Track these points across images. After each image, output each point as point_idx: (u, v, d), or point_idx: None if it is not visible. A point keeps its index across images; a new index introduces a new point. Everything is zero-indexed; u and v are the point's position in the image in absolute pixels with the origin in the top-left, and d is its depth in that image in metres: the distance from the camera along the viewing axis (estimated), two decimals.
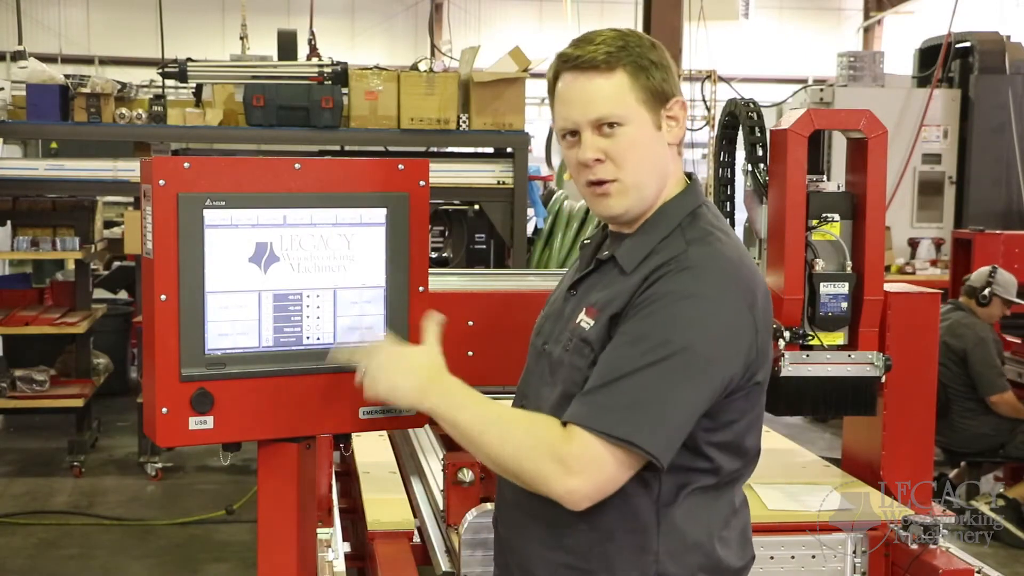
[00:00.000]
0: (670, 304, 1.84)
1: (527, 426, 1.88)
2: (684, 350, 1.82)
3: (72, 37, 18.05)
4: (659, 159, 1.99)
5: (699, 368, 1.83)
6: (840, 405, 3.22)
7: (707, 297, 1.85)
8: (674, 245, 1.93)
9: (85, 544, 5.99)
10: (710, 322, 1.84)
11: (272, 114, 6.85)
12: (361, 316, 2.18)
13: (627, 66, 1.93)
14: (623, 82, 1.93)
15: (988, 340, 6.16)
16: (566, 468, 1.80)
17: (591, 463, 1.80)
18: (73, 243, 7.25)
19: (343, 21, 19.02)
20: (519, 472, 1.85)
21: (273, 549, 2.21)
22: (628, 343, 1.84)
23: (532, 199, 7.22)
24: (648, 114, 1.95)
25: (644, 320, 1.85)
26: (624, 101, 1.93)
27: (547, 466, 1.81)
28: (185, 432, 2.07)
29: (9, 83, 7.26)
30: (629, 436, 1.79)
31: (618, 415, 1.80)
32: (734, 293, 1.88)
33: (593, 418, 1.80)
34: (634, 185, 1.97)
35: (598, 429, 1.80)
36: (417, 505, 3.23)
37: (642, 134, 1.95)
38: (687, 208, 2.00)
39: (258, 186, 2.09)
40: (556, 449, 1.81)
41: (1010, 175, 9.14)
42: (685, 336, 1.82)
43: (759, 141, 3.35)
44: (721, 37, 15.44)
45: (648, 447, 1.79)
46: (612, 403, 1.80)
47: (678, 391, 1.81)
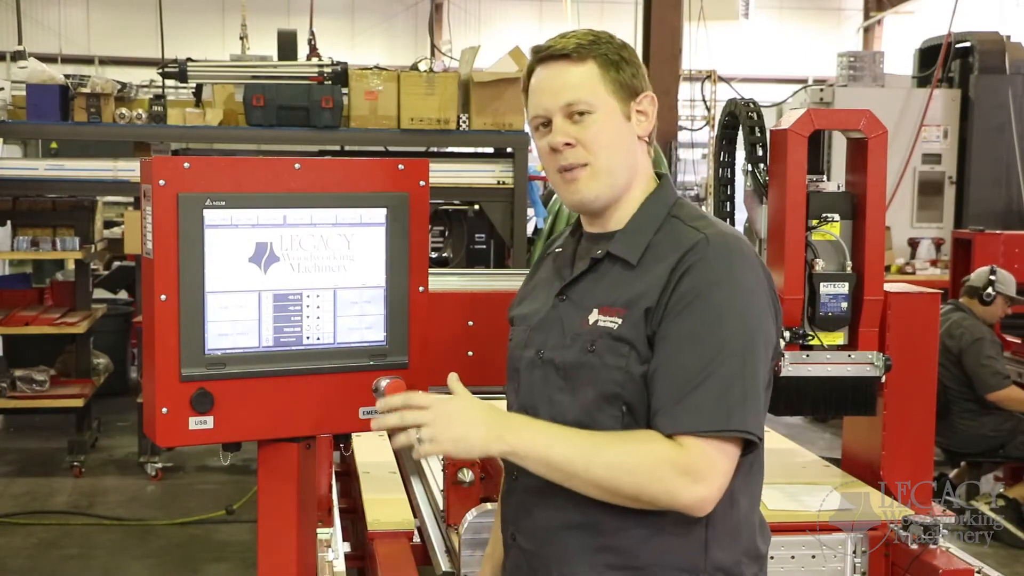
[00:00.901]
0: (715, 294, 1.88)
1: (634, 449, 1.85)
2: (745, 337, 1.87)
3: (72, 37, 18.06)
4: (629, 148, 2.01)
5: (759, 350, 1.90)
6: (840, 405, 3.22)
7: (741, 278, 1.90)
8: (683, 233, 1.95)
9: (85, 544, 5.99)
10: (752, 301, 1.91)
11: (272, 114, 6.85)
12: (361, 316, 2.18)
13: (597, 58, 1.98)
14: (593, 72, 1.98)
15: (984, 340, 6.16)
16: (693, 478, 1.82)
17: (712, 465, 1.83)
18: (73, 243, 7.25)
19: (343, 21, 19.02)
20: (639, 495, 1.84)
21: (273, 549, 2.21)
22: (691, 342, 1.87)
23: (532, 199, 7.22)
24: (618, 104, 1.99)
25: (697, 316, 1.87)
26: (594, 89, 1.97)
27: (674, 482, 1.82)
28: (185, 432, 2.07)
29: (9, 83, 7.26)
30: (740, 426, 1.84)
31: (720, 412, 1.83)
32: (754, 263, 1.95)
33: (700, 422, 1.83)
34: (606, 170, 1.99)
35: (710, 430, 1.83)
36: (417, 505, 3.23)
37: (612, 122, 1.98)
38: (669, 201, 2.04)
39: (258, 186, 2.09)
40: (678, 463, 1.82)
41: (1010, 175, 9.14)
42: (741, 324, 1.88)
43: (759, 141, 3.35)
44: (721, 37, 15.45)
45: (754, 430, 1.86)
46: (708, 403, 1.83)
47: (751, 375, 1.87)
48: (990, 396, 6.11)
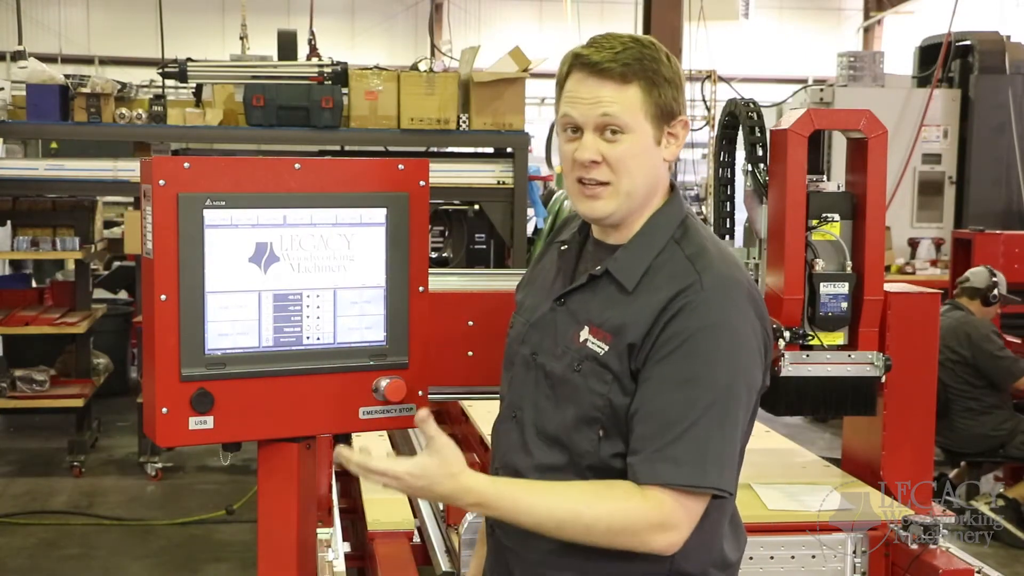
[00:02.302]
0: (702, 340, 1.87)
1: (610, 508, 1.86)
2: (729, 385, 1.88)
3: (72, 37, 18.05)
4: (653, 172, 2.00)
5: (742, 397, 1.90)
6: (840, 405, 3.22)
7: (730, 324, 1.89)
8: (680, 268, 1.94)
9: (85, 544, 5.99)
10: (740, 349, 1.90)
11: (272, 114, 6.85)
12: (361, 316, 2.18)
13: (641, 81, 1.94)
14: (635, 95, 1.94)
15: (992, 335, 6.19)
16: (664, 529, 1.85)
17: (683, 516, 1.86)
18: (73, 243, 7.25)
19: (343, 21, 19.02)
20: (612, 546, 1.88)
21: (273, 549, 2.21)
22: (674, 388, 1.87)
23: (532, 199, 7.22)
24: (652, 128, 1.96)
25: (683, 361, 1.87)
26: (632, 112, 1.94)
27: (647, 535, 1.85)
28: (185, 432, 2.07)
29: (9, 83, 7.26)
30: (715, 483, 1.86)
31: (696, 468, 1.84)
32: (746, 308, 1.93)
33: (677, 476, 1.84)
34: (627, 192, 1.97)
35: (682, 484, 1.84)
36: (417, 505, 3.23)
37: (642, 146, 1.96)
38: (675, 219, 2.02)
39: (258, 186, 2.09)
40: (651, 519, 1.85)
41: (1010, 175, 9.14)
42: (726, 371, 1.88)
43: (759, 141, 3.35)
44: (721, 37, 15.44)
45: (726, 487, 1.88)
46: (685, 456, 1.84)
47: (732, 425, 1.88)
48: (1016, 385, 6.13)
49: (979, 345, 6.14)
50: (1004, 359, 6.15)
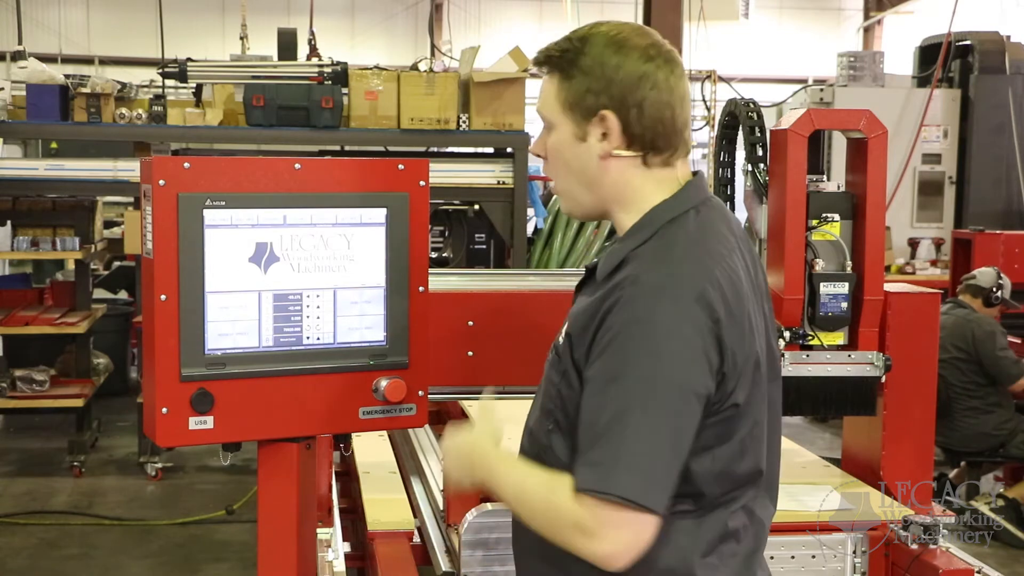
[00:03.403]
0: (626, 337, 1.74)
1: (546, 497, 1.81)
2: (651, 387, 1.72)
3: (72, 37, 18.05)
4: (585, 171, 1.89)
5: (673, 398, 1.74)
6: (840, 405, 3.22)
7: (664, 320, 1.74)
8: (638, 262, 1.82)
9: (85, 544, 5.99)
10: (672, 346, 1.74)
11: (272, 114, 6.85)
12: (361, 316, 2.18)
13: (557, 72, 1.88)
14: (551, 87, 1.89)
15: (996, 333, 6.20)
16: (587, 536, 1.73)
17: (605, 526, 1.72)
18: (73, 243, 7.25)
19: (343, 21, 19.02)
20: (555, 540, 1.80)
21: (273, 549, 2.21)
22: (600, 390, 1.76)
23: (532, 199, 7.22)
24: (571, 124, 1.88)
25: (608, 359, 1.76)
26: (550, 106, 1.90)
27: (572, 537, 1.75)
28: (185, 432, 2.07)
29: (9, 83, 7.26)
30: (621, 492, 1.70)
31: (612, 473, 1.71)
32: (688, 306, 1.75)
33: (592, 481, 1.73)
34: (563, 190, 1.95)
35: (599, 491, 1.71)
36: (417, 505, 3.23)
37: (562, 141, 1.90)
38: (671, 213, 1.87)
39: (258, 186, 2.09)
40: (574, 519, 1.75)
41: (1010, 175, 9.14)
42: (649, 371, 1.72)
43: (759, 141, 3.35)
44: (721, 37, 15.44)
45: (638, 498, 1.71)
46: (604, 460, 1.72)
47: (661, 430, 1.73)
48: (1012, 388, 6.14)
49: (982, 341, 6.14)
50: (1004, 359, 6.15)
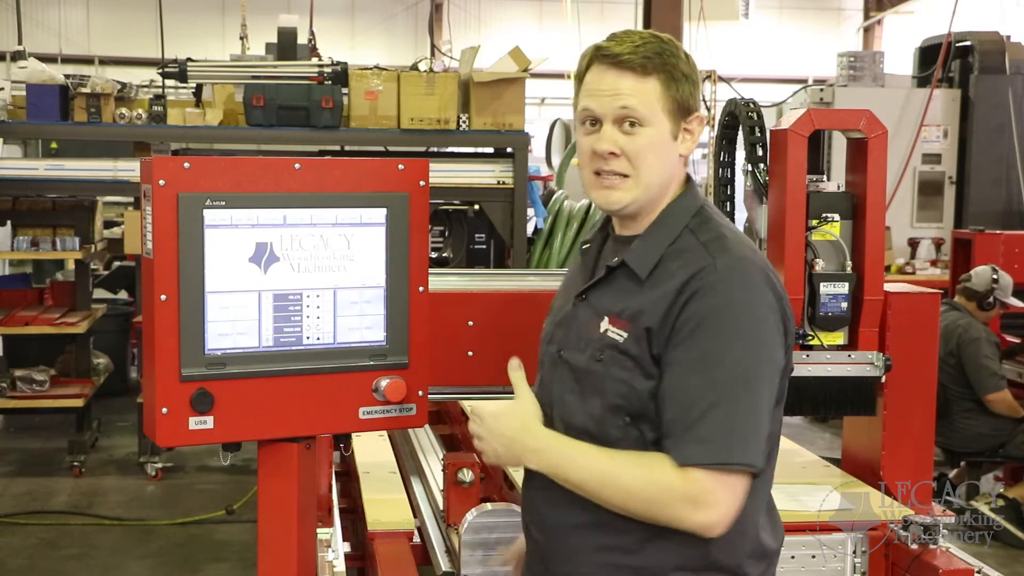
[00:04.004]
0: (718, 320, 1.90)
1: (645, 476, 1.90)
2: (748, 363, 1.90)
3: (72, 37, 18.05)
4: (670, 166, 2.03)
5: (764, 373, 1.93)
6: (840, 405, 3.22)
7: (745, 303, 1.92)
8: (695, 254, 1.96)
9: (85, 544, 5.99)
10: (757, 327, 1.92)
11: (272, 114, 6.85)
12: (361, 316, 2.18)
13: (661, 74, 1.98)
14: (655, 88, 1.98)
15: (982, 340, 6.16)
16: (696, 506, 1.87)
17: (716, 493, 1.87)
18: (73, 243, 7.25)
19: (343, 21, 19.02)
20: (648, 516, 1.91)
21: (273, 549, 2.21)
22: (695, 370, 1.90)
23: (532, 199, 7.21)
24: (669, 123, 2.00)
25: (701, 342, 1.90)
26: (651, 105, 1.98)
27: (679, 510, 1.88)
28: (185, 432, 2.07)
29: (9, 83, 7.26)
30: (741, 459, 1.88)
31: (722, 445, 1.87)
32: (762, 288, 1.95)
33: (705, 455, 1.87)
34: (644, 185, 2.01)
35: (713, 463, 1.86)
36: (417, 505, 3.23)
37: (660, 139, 2.00)
38: (691, 209, 2.05)
39: (258, 186, 2.09)
40: (682, 492, 1.87)
41: (1010, 175, 9.14)
42: (744, 349, 1.90)
43: (759, 141, 3.35)
44: (721, 37, 15.44)
45: (755, 463, 1.90)
46: (713, 435, 1.87)
47: (754, 402, 1.91)
48: (987, 397, 6.12)
49: (966, 347, 6.13)
50: (984, 368, 6.12)
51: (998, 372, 6.16)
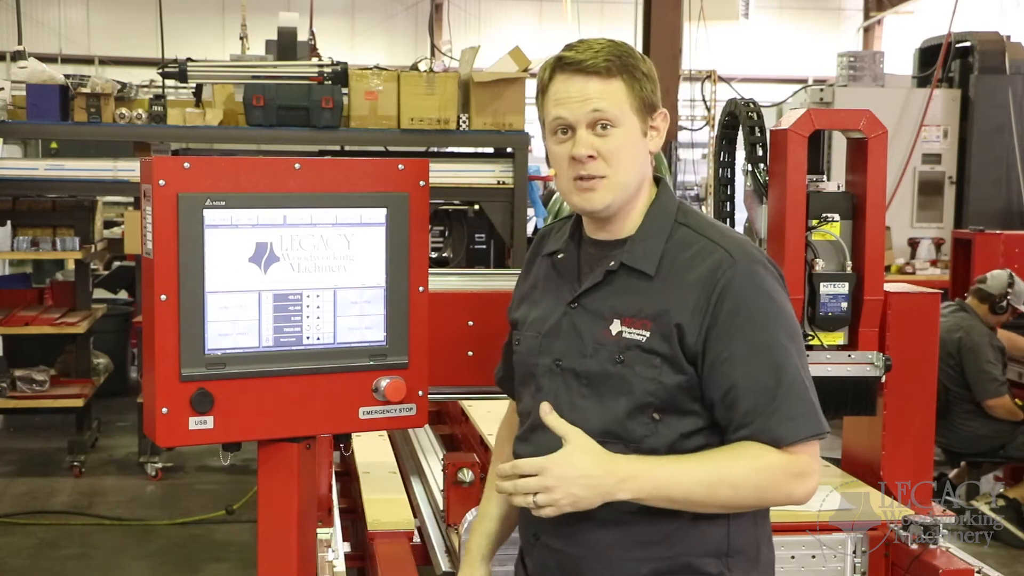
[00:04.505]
0: (755, 310, 1.99)
1: (753, 466, 1.97)
2: (793, 340, 2.02)
3: (72, 37, 18.06)
4: (642, 162, 2.09)
5: (802, 347, 2.06)
6: (840, 405, 3.22)
7: (771, 286, 2.02)
8: (702, 245, 2.03)
9: (85, 544, 5.99)
10: (786, 306, 2.04)
11: (272, 114, 6.85)
12: (361, 316, 2.18)
13: (624, 75, 2.04)
14: (620, 89, 2.04)
15: (983, 345, 6.15)
16: (804, 478, 1.98)
17: (814, 463, 2.01)
18: (73, 243, 7.25)
19: (343, 21, 19.02)
20: (761, 503, 2.04)
21: (273, 549, 2.21)
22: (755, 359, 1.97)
23: (532, 199, 7.22)
24: (638, 121, 2.06)
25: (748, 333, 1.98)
26: (620, 105, 2.03)
27: (792, 486, 1.98)
28: (185, 432, 2.07)
29: (9, 83, 7.26)
30: (825, 427, 2.01)
31: (808, 418, 1.98)
32: (775, 273, 2.06)
33: (801, 430, 1.97)
34: (621, 183, 2.05)
35: (809, 435, 1.98)
36: (417, 505, 3.23)
37: (632, 138, 2.05)
38: (672, 207, 2.11)
39: (258, 186, 2.09)
40: (791, 470, 1.97)
41: (1010, 175, 9.14)
42: (787, 329, 2.02)
43: (759, 141, 3.35)
44: (721, 37, 15.45)
45: (827, 428, 2.02)
46: (796, 412, 1.97)
47: (807, 372, 2.03)
48: (987, 403, 6.12)
49: (969, 350, 6.12)
50: (985, 373, 6.11)
51: (999, 378, 6.15)
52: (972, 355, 6.12)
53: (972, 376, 6.12)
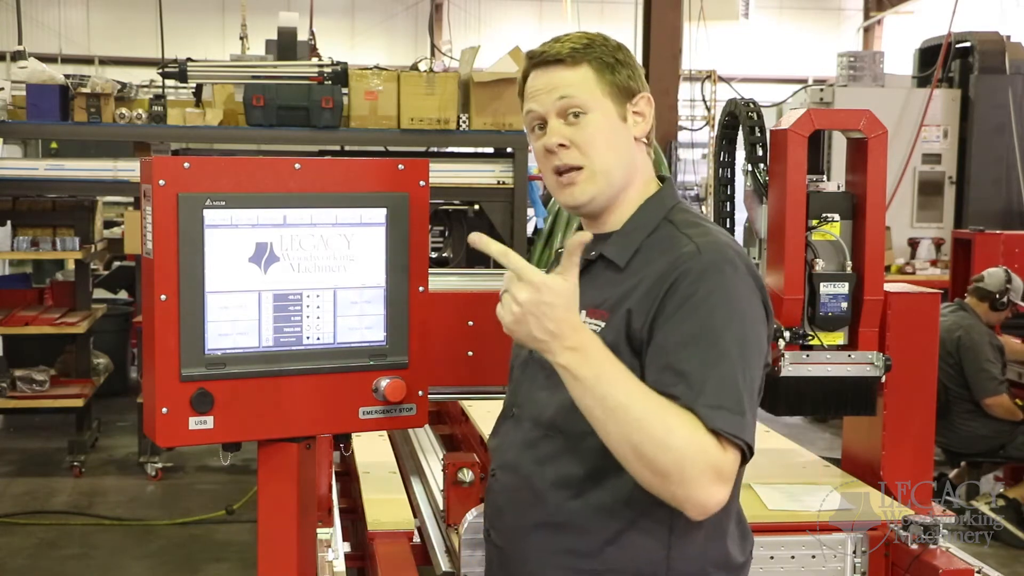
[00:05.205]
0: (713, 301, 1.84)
1: (691, 428, 1.75)
2: (743, 344, 1.84)
3: (72, 37, 18.06)
4: (625, 149, 2.02)
5: (755, 358, 1.86)
6: (840, 405, 3.22)
7: (733, 288, 1.87)
8: (676, 241, 1.94)
9: (85, 544, 5.99)
10: (745, 310, 1.87)
11: (272, 114, 6.85)
12: (361, 316, 2.18)
13: (592, 61, 1.99)
14: (587, 74, 1.99)
15: (982, 344, 6.15)
16: (719, 478, 1.76)
17: (732, 475, 1.79)
18: (73, 243, 7.25)
19: (343, 21, 19.02)
20: (666, 471, 1.74)
21: (273, 549, 2.21)
22: (693, 344, 1.81)
23: (532, 199, 7.22)
24: (613, 105, 2.00)
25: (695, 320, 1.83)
26: (589, 91, 1.98)
27: (704, 475, 1.74)
28: (185, 432, 2.07)
29: (9, 83, 7.26)
30: (749, 439, 1.80)
31: (735, 417, 1.78)
32: (744, 274, 1.91)
33: (720, 420, 1.76)
34: (602, 171, 1.99)
35: (730, 432, 1.77)
36: (417, 505, 3.23)
37: (607, 123, 1.99)
38: (668, 204, 2.05)
39: (258, 186, 2.09)
40: (715, 459, 1.75)
41: (1010, 175, 9.14)
42: (738, 331, 1.84)
43: (759, 141, 3.35)
44: (721, 37, 15.45)
45: (753, 447, 1.82)
46: (726, 404, 1.77)
47: (751, 380, 1.85)
48: (985, 401, 6.12)
49: (968, 350, 6.12)
50: (984, 372, 6.12)
51: (998, 377, 6.16)
52: (971, 354, 6.12)
53: (971, 374, 6.12)
